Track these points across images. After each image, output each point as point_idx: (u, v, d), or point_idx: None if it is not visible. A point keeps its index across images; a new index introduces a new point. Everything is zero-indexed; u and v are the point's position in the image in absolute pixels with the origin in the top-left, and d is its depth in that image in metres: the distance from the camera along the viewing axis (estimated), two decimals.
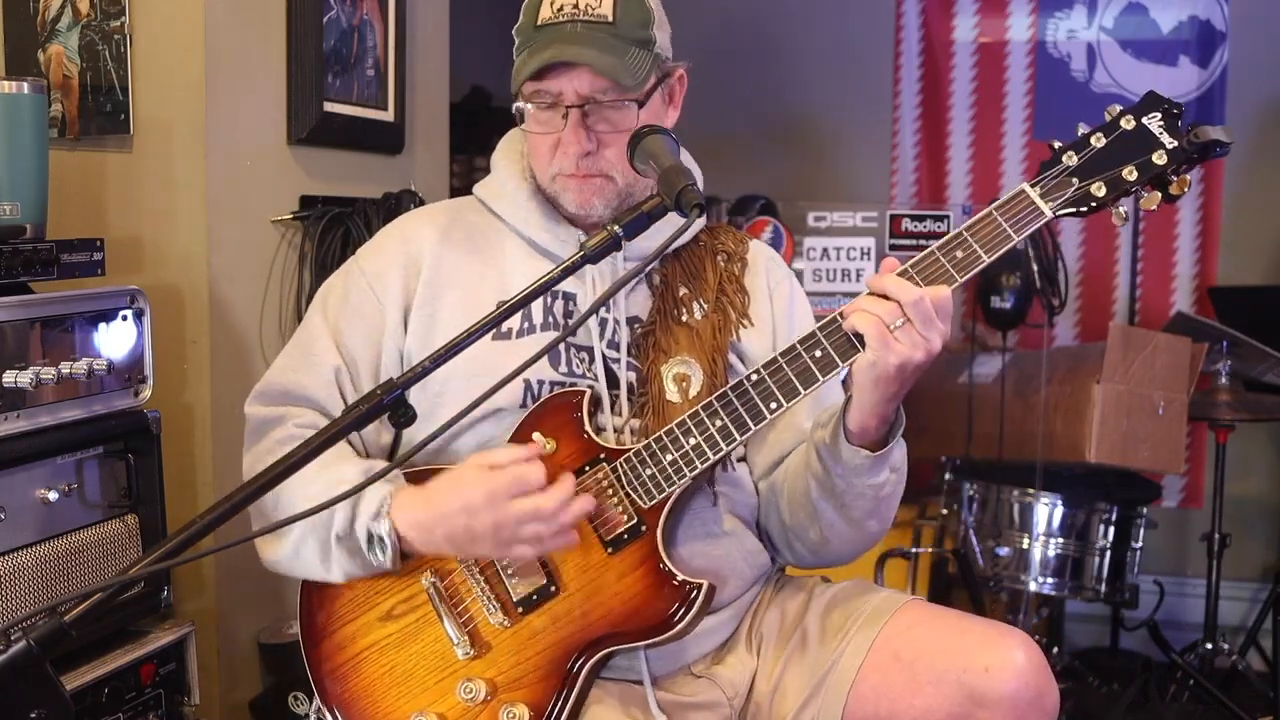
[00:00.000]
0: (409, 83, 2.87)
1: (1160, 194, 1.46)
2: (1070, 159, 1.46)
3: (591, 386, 1.64)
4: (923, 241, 3.54)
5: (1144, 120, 1.46)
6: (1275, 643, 3.35)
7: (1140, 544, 3.41)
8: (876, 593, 1.70)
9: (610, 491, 1.57)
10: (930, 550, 3.38)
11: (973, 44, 4.36)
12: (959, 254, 1.46)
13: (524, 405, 1.65)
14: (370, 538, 1.56)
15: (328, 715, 1.64)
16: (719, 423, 1.53)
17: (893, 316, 1.43)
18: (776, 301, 1.78)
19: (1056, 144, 1.48)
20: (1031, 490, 3.32)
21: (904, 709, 1.55)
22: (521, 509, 1.49)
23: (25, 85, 1.97)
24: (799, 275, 2.79)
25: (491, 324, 1.35)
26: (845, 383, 1.55)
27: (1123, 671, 3.55)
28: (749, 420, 1.52)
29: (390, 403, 1.25)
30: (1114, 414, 3.16)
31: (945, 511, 3.50)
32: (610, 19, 1.61)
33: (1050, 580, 3.32)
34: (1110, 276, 4.22)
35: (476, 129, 3.85)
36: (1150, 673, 3.44)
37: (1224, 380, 3.34)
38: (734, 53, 4.25)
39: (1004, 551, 3.32)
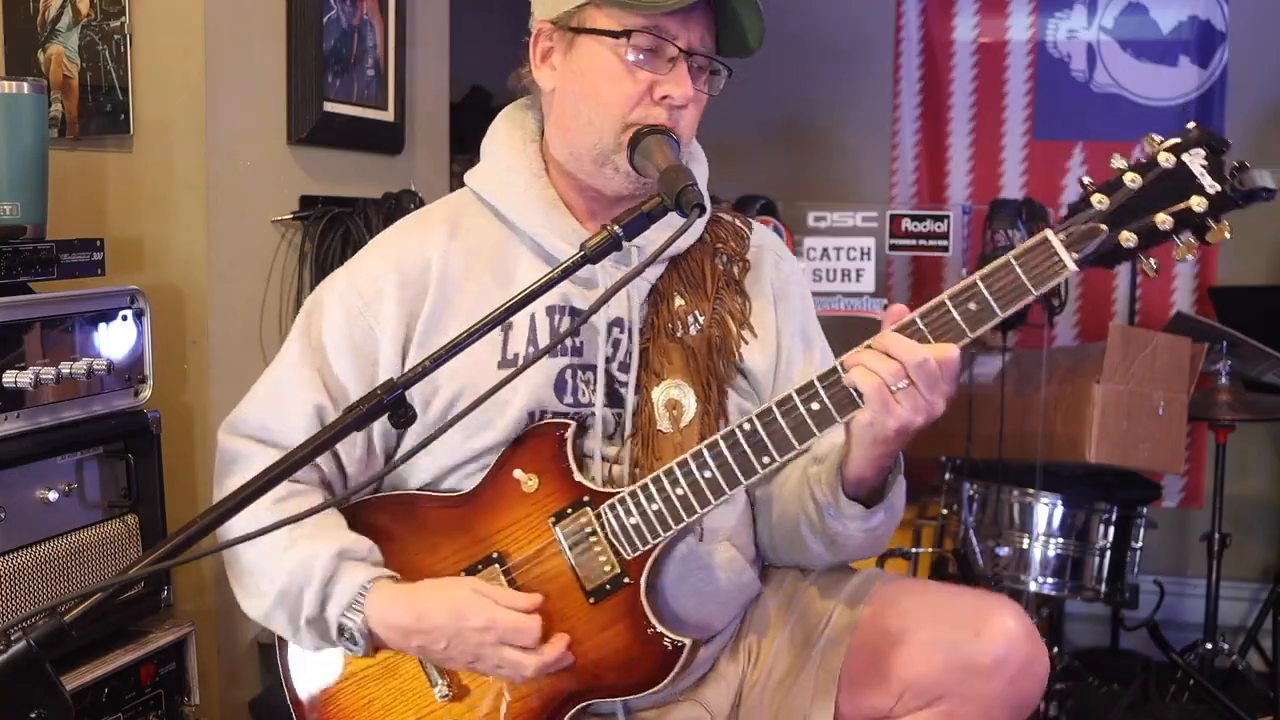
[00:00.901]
0: (409, 83, 2.87)
1: (1196, 241, 1.30)
2: (1100, 203, 1.30)
3: (592, 414, 1.55)
4: (923, 241, 3.54)
5: (1185, 158, 1.28)
6: (1275, 643, 3.35)
7: (1140, 544, 3.40)
8: (855, 572, 1.65)
9: (594, 538, 1.50)
10: (930, 550, 3.38)
11: (973, 44, 4.36)
12: (972, 306, 1.33)
13: None
14: (341, 629, 1.51)
15: None
16: (708, 474, 1.44)
17: (895, 378, 1.33)
18: (782, 310, 1.67)
19: (1086, 181, 1.33)
20: (1031, 490, 3.32)
21: (896, 679, 1.50)
22: (506, 657, 1.46)
23: (25, 85, 1.97)
24: None
25: (491, 325, 1.27)
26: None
27: (1123, 671, 3.54)
28: (739, 474, 1.44)
29: (390, 402, 1.24)
30: (1114, 414, 3.16)
31: (945, 511, 3.49)
32: None
33: (1050, 580, 3.31)
34: (1110, 276, 4.22)
35: (476, 129, 3.84)
36: (1150, 673, 3.44)
37: (1224, 380, 3.33)
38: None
39: (1004, 551, 3.31)
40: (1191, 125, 1.31)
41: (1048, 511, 3.32)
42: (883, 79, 4.42)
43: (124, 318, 2.04)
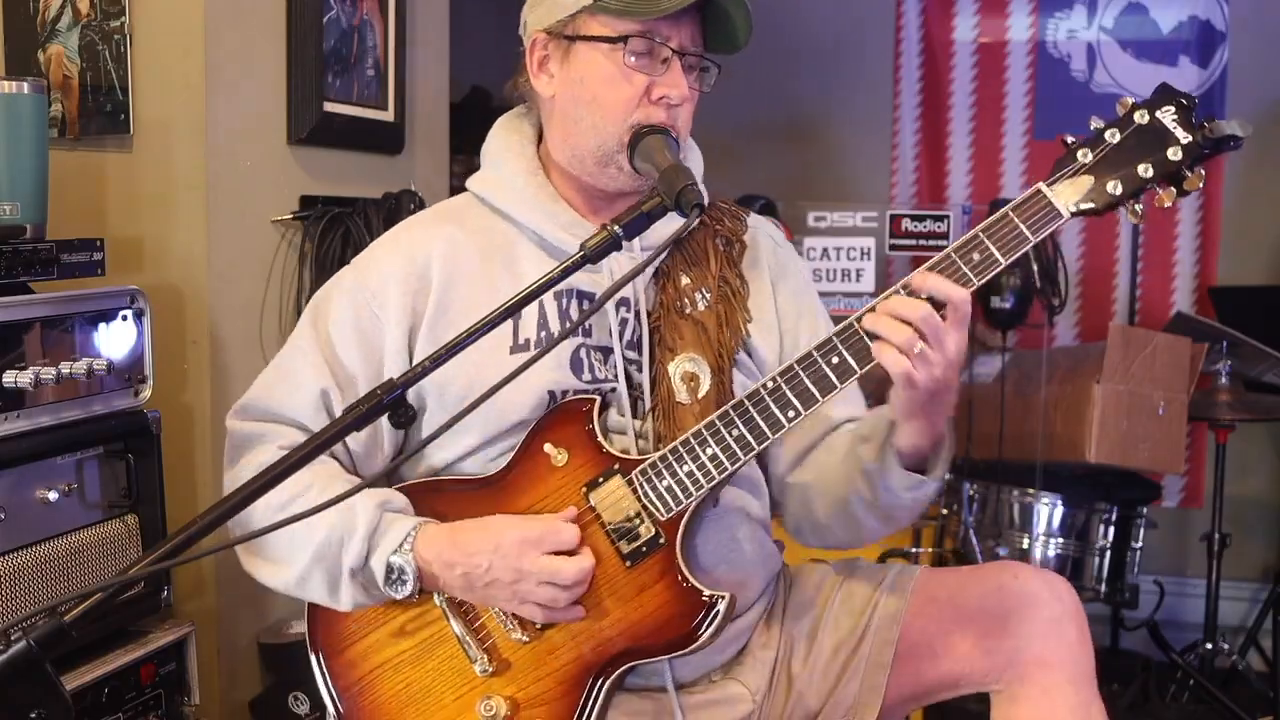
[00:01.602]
0: (409, 83, 2.87)
1: (1175, 190, 1.42)
2: (1085, 156, 1.42)
3: (613, 390, 1.60)
4: (923, 241, 3.54)
5: (1158, 114, 1.42)
6: (1275, 643, 3.35)
7: (1140, 544, 3.41)
8: (887, 566, 1.74)
9: (627, 503, 1.53)
10: (930, 550, 3.38)
11: (973, 44, 4.36)
12: (975, 256, 1.42)
13: None
14: (390, 571, 1.53)
15: None
16: (736, 433, 1.49)
17: (910, 342, 1.39)
18: (782, 296, 1.72)
19: (1070, 139, 1.44)
20: (1031, 490, 3.32)
21: (946, 638, 1.60)
22: (544, 565, 1.48)
23: (25, 85, 1.97)
24: None
25: (490, 325, 1.30)
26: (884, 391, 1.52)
27: (1123, 671, 3.54)
28: (767, 430, 1.49)
29: (390, 402, 1.24)
30: (1114, 414, 3.16)
31: (945, 511, 3.49)
32: None
33: None
34: (1110, 276, 4.22)
35: (476, 129, 3.84)
36: (1150, 673, 3.44)
37: (1224, 380, 3.34)
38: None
39: (1004, 551, 3.32)
40: (1159, 85, 1.45)
41: (1048, 511, 3.33)
42: (883, 79, 4.42)
43: (124, 318, 2.04)
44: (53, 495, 1.91)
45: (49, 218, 2.02)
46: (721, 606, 1.51)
